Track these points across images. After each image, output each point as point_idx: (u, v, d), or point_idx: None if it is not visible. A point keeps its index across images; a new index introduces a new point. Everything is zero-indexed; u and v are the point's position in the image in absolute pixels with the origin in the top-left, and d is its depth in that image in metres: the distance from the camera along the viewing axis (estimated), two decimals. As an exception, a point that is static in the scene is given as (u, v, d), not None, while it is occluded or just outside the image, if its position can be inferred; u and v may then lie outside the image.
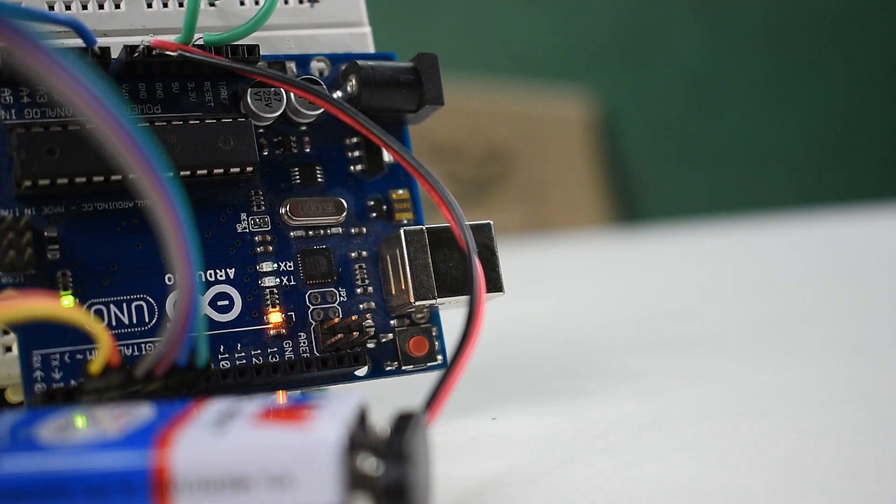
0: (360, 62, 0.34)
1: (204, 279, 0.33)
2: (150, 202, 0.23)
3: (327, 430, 0.23)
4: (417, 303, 0.33)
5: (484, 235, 0.33)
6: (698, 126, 1.75)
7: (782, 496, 0.26)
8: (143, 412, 0.26)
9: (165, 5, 0.34)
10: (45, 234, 0.31)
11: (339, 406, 0.25)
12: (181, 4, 0.34)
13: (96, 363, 0.28)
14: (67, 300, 0.31)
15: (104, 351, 0.27)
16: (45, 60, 0.21)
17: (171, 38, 0.32)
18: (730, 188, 1.76)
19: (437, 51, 0.36)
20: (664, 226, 1.38)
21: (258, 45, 0.33)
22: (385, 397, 0.33)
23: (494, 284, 0.33)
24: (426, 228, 0.33)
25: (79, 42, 0.31)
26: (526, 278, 0.76)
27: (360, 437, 0.24)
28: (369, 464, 0.23)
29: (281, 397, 0.33)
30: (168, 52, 0.32)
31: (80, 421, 0.26)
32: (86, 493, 0.23)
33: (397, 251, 0.33)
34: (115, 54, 0.32)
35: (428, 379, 0.35)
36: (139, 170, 0.23)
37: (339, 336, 0.33)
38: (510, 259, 0.38)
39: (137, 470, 0.23)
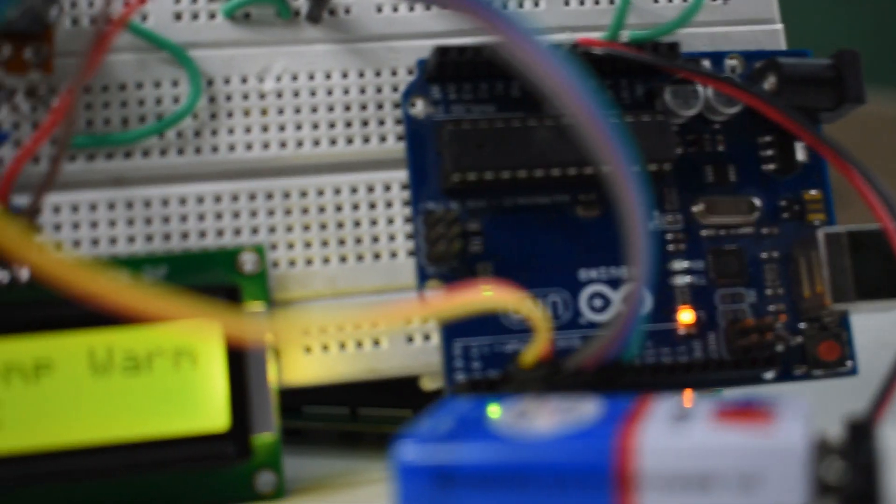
0: (780, 59, 0.33)
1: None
2: (618, 195, 0.23)
3: (794, 432, 0.23)
4: (834, 306, 0.32)
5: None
6: None
7: None
8: (589, 407, 0.26)
9: (582, 3, 0.34)
10: (468, 227, 0.32)
11: (794, 409, 0.25)
12: (597, 2, 0.34)
13: (531, 354, 0.28)
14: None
15: (542, 342, 0.28)
16: (533, 53, 0.22)
17: (595, 35, 0.32)
18: None
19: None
20: None
21: (678, 43, 0.33)
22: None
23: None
24: (846, 230, 0.32)
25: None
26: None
27: (823, 442, 0.24)
28: (836, 470, 0.23)
29: (688, 398, 0.32)
30: (594, 50, 0.32)
31: (496, 411, 0.26)
32: (546, 485, 0.23)
33: (813, 253, 0.33)
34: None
35: (832, 385, 0.34)
36: (611, 163, 0.23)
37: (753, 338, 0.33)
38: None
39: (601, 465, 0.23)
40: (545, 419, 0.25)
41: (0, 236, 0.21)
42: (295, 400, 0.37)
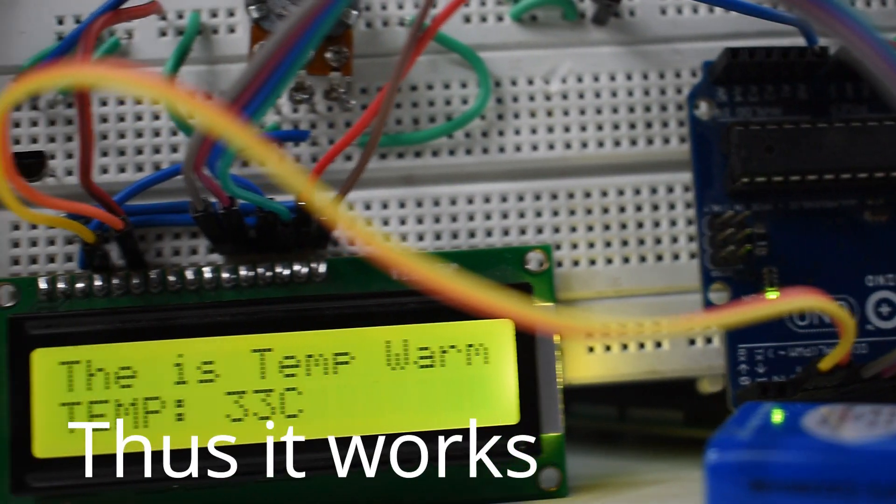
0: None
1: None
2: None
3: None
4: None
5: None
6: None
7: None
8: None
9: (868, 4, 0.34)
10: (754, 230, 0.32)
11: None
12: (884, 3, 0.34)
13: (831, 358, 0.28)
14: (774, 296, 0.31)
15: (846, 346, 0.27)
16: (877, 52, 0.21)
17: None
18: None
19: None
20: None
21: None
22: None
23: None
24: None
25: (800, 41, 0.31)
26: None
27: None
28: None
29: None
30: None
31: (779, 415, 0.26)
32: (871, 493, 0.23)
33: None
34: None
35: None
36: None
37: None
38: None
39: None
40: (855, 428, 0.25)
41: (332, 216, 0.22)
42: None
